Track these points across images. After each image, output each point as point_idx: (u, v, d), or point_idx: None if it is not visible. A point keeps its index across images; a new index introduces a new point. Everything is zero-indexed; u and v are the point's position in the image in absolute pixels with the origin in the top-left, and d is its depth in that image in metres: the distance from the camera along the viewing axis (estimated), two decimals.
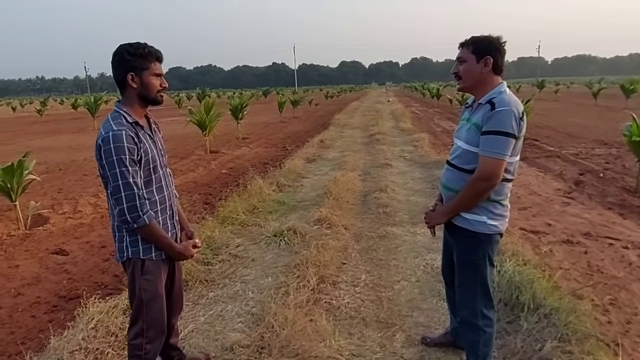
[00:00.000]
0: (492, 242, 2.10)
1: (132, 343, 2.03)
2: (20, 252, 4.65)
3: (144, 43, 1.93)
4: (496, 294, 3.09)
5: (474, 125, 2.02)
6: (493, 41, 2.03)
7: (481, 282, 2.12)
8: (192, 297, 3.29)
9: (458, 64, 2.10)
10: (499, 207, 2.07)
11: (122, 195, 1.84)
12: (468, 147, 2.04)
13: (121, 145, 1.81)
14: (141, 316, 2.01)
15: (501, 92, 1.99)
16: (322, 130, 14.73)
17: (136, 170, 1.87)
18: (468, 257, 2.14)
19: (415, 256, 4.02)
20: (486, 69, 2.02)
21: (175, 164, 9.66)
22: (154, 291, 2.01)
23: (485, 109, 1.97)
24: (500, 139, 1.91)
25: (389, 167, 7.93)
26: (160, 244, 1.99)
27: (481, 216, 2.05)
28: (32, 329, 3.10)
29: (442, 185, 2.25)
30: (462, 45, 2.09)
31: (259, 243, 4.37)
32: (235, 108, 14.18)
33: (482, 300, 2.13)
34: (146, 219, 1.89)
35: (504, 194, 2.07)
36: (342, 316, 3.01)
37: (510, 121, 1.90)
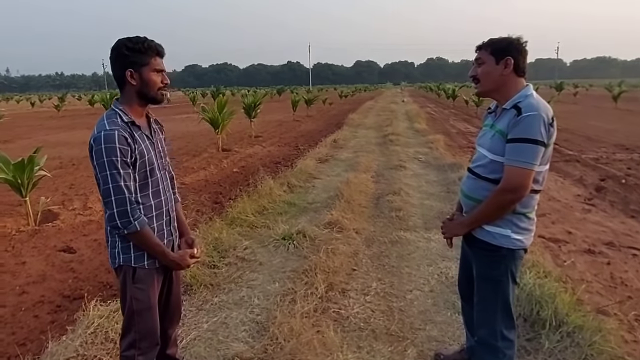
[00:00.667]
0: (516, 258, 1.94)
1: (124, 354, 1.92)
2: (28, 249, 4.61)
3: (143, 37, 1.80)
4: (515, 308, 2.92)
5: (499, 133, 1.86)
6: (513, 41, 1.89)
7: (502, 300, 1.96)
8: (196, 302, 3.18)
9: (476, 67, 1.96)
10: (525, 221, 1.91)
11: (112, 199, 1.72)
12: (493, 156, 1.88)
13: (113, 146, 1.69)
14: (133, 327, 1.90)
15: (527, 96, 1.84)
16: (335, 129, 14.58)
17: (128, 173, 1.75)
18: (489, 273, 1.98)
19: (429, 264, 3.86)
20: (507, 70, 1.88)
21: (187, 161, 9.63)
22: (146, 301, 1.89)
23: (510, 114, 1.82)
24: (527, 147, 1.75)
25: (403, 169, 7.76)
26: (153, 252, 1.86)
27: (505, 229, 1.89)
28: (34, 330, 3.03)
29: (462, 194, 2.09)
30: (480, 47, 1.96)
31: (268, 246, 4.25)
32: (248, 106, 14.12)
33: (502, 320, 1.97)
34: (137, 225, 1.76)
35: (530, 206, 1.91)
36: (350, 327, 2.87)
37: (538, 127, 1.74)
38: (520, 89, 1.88)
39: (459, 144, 11.24)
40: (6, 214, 5.79)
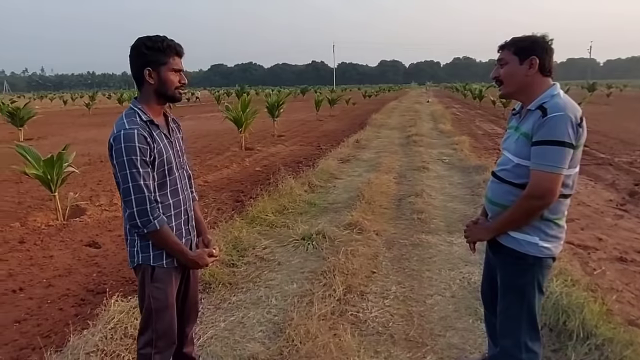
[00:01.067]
0: (544, 267, 1.84)
1: (141, 352, 1.93)
2: (56, 243, 4.74)
3: (163, 36, 1.80)
4: (541, 317, 2.81)
5: (523, 135, 1.77)
6: (537, 40, 1.80)
7: (527, 310, 1.86)
8: (214, 301, 3.20)
9: (498, 67, 1.88)
10: (554, 228, 1.81)
11: (132, 198, 1.72)
12: (519, 160, 1.79)
13: (132, 145, 1.69)
14: (150, 325, 1.90)
15: (553, 96, 1.75)
16: (358, 129, 14.50)
17: (148, 172, 1.75)
18: (514, 282, 1.88)
19: (450, 268, 3.77)
20: (531, 70, 1.79)
21: (211, 159, 9.74)
22: (163, 300, 1.89)
23: (535, 115, 1.73)
24: (554, 149, 1.66)
25: (426, 171, 7.64)
26: (172, 251, 1.86)
27: (532, 236, 1.80)
28: (59, 322, 3.10)
29: (486, 200, 2.00)
30: (503, 47, 1.87)
31: (287, 246, 4.24)
32: (271, 106, 14.19)
33: (527, 331, 1.86)
34: (157, 223, 1.76)
35: (560, 212, 1.81)
36: (368, 331, 2.82)
37: (565, 128, 1.65)
38: (546, 89, 1.79)
39: (485, 146, 11.00)
40: (37, 209, 5.97)
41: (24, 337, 2.92)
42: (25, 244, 4.66)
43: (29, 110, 15.09)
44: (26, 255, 4.37)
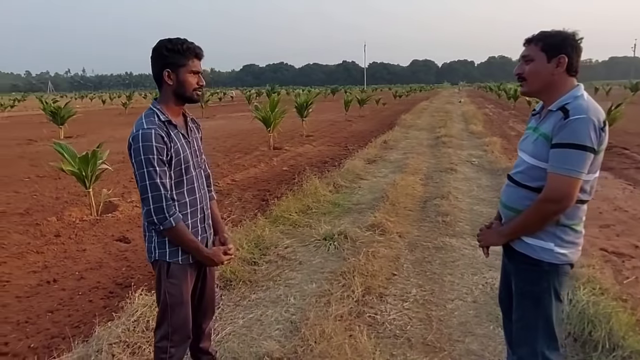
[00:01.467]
0: (560, 274, 1.76)
1: (158, 345, 1.99)
2: (89, 237, 4.94)
3: (183, 39, 1.85)
4: (565, 326, 2.75)
5: (542, 137, 1.71)
6: (568, 37, 1.70)
7: (544, 318, 1.78)
8: (234, 298, 3.26)
9: (523, 64, 1.78)
10: (571, 233, 1.74)
11: (149, 196, 1.78)
12: (534, 161, 1.73)
13: (149, 144, 1.75)
14: (166, 319, 1.96)
15: (577, 97, 1.67)
16: (387, 130, 14.39)
17: (164, 170, 1.80)
18: (529, 289, 1.82)
19: (473, 273, 3.70)
20: (559, 69, 1.70)
21: (239, 158, 9.90)
22: (178, 296, 1.95)
23: (556, 117, 1.67)
24: (574, 153, 1.59)
25: (454, 172, 7.50)
26: (188, 248, 1.91)
27: (547, 242, 1.73)
28: (88, 313, 3.24)
29: (501, 204, 1.95)
30: (530, 41, 1.76)
31: (309, 245, 4.27)
32: (300, 106, 14.28)
33: (544, 339, 1.80)
34: (173, 221, 1.82)
35: (577, 217, 1.74)
36: (385, 334, 2.80)
37: (587, 131, 1.58)
38: (570, 89, 1.71)
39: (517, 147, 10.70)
40: (72, 204, 6.24)
41: (55, 327, 3.07)
42: (61, 238, 4.88)
43: (69, 109, 15.74)
44: (61, 248, 4.58)
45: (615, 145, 10.64)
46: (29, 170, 9.00)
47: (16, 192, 7.05)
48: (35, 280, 3.82)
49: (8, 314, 3.25)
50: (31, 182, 7.89)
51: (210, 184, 2.19)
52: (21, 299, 3.49)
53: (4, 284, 3.76)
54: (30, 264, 4.16)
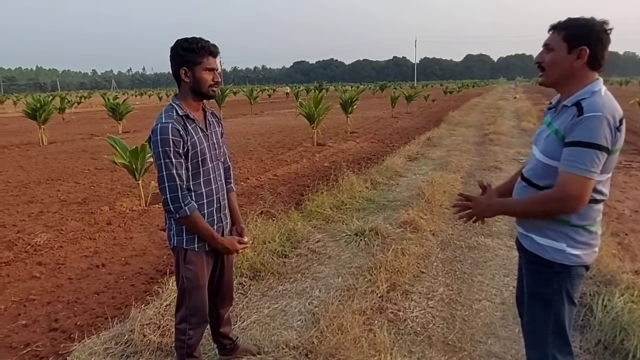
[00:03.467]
0: (572, 276, 1.70)
1: (178, 327, 2.15)
2: (137, 226, 5.28)
3: (198, 38, 1.94)
4: (596, 332, 2.65)
5: (554, 133, 1.65)
6: (594, 27, 1.60)
7: (555, 321, 1.73)
8: (262, 288, 3.38)
9: (544, 52, 1.71)
10: (584, 234, 1.67)
11: (165, 186, 1.89)
12: (544, 159, 1.68)
13: (166, 137, 1.86)
14: (184, 303, 2.10)
15: (594, 92, 1.59)
16: (432, 127, 14.13)
17: (180, 162, 1.91)
18: (539, 290, 1.78)
19: (505, 274, 3.61)
20: (579, 62, 1.62)
21: (282, 154, 10.10)
22: (195, 281, 2.07)
23: (570, 112, 1.60)
24: (587, 152, 1.52)
25: (498, 171, 7.28)
26: (203, 236, 2.02)
27: (559, 243, 1.67)
28: (129, 297, 3.49)
29: None
30: (554, 28, 1.68)
31: (339, 241, 4.33)
32: (345, 102, 14.30)
33: (555, 344, 1.75)
34: (188, 210, 1.92)
35: (590, 218, 1.67)
36: (406, 330, 2.82)
37: (601, 130, 1.52)
38: (588, 83, 1.63)
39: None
40: (124, 195, 6.66)
41: (100, 307, 3.33)
42: (111, 226, 5.25)
43: (127, 105, 16.70)
44: (111, 235, 4.93)
45: None
46: (90, 163, 9.68)
47: (77, 183, 7.62)
48: (86, 264, 4.16)
49: (61, 293, 3.57)
50: (90, 174, 8.49)
51: (229, 176, 2.29)
52: (73, 280, 3.82)
53: (59, 266, 4.12)
54: (83, 249, 4.52)
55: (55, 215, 5.70)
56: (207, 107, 2.16)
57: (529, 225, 1.80)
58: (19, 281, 3.82)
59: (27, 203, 6.35)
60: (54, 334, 2.98)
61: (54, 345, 2.84)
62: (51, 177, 8.15)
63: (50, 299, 3.48)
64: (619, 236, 4.45)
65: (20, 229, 5.12)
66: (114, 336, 2.60)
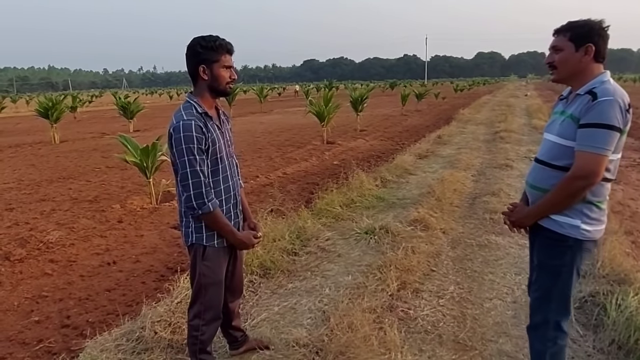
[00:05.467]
0: (583, 250, 1.86)
1: (191, 324, 2.17)
2: (147, 224, 5.32)
3: (215, 36, 1.96)
4: (609, 332, 2.61)
5: (569, 118, 1.81)
6: (594, 26, 1.80)
7: (561, 289, 1.91)
8: (272, 286, 3.39)
9: (553, 53, 1.89)
10: (596, 211, 1.84)
11: (189, 183, 1.90)
12: (561, 140, 1.82)
13: (190, 134, 1.87)
14: (199, 299, 2.13)
15: (604, 82, 1.78)
16: (443, 125, 14.04)
17: (203, 159, 1.93)
18: (551, 262, 1.92)
19: (517, 272, 3.57)
20: (587, 57, 1.81)
21: (291, 152, 10.10)
22: (212, 277, 2.10)
23: (584, 99, 1.77)
24: (602, 132, 1.69)
25: (508, 169, 7.20)
26: (223, 232, 2.05)
27: (574, 219, 1.83)
28: (140, 294, 3.51)
29: (528, 185, 2.02)
30: (558, 32, 1.87)
31: (349, 239, 4.32)
32: (355, 100, 14.26)
33: (558, 309, 1.93)
34: (211, 206, 1.94)
35: (602, 195, 1.84)
36: (416, 329, 2.80)
37: (614, 112, 1.69)
38: (597, 75, 1.81)
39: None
40: (135, 193, 6.72)
41: (111, 304, 3.36)
42: (122, 224, 5.29)
43: (137, 104, 16.83)
44: (122, 233, 4.97)
45: None
46: (101, 161, 9.78)
47: (88, 181, 7.70)
48: (97, 261, 4.20)
49: (72, 290, 3.61)
50: (101, 172, 8.58)
51: (239, 173, 2.31)
52: (84, 277, 3.86)
53: (71, 263, 4.16)
54: (95, 247, 4.56)
55: (67, 213, 5.76)
56: (220, 106, 2.18)
57: None
58: (32, 278, 3.87)
59: (39, 201, 6.43)
60: (66, 331, 3.02)
61: (65, 341, 2.87)
62: (63, 176, 8.24)
63: (62, 296, 3.52)
64: (633, 234, 4.38)
65: (32, 227, 5.19)
66: (125, 333, 2.61)
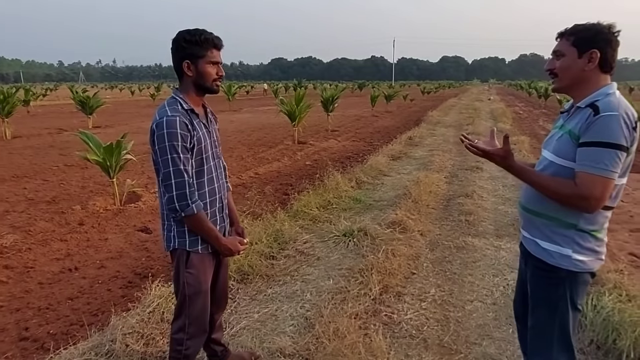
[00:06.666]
0: (578, 282, 1.67)
1: (174, 337, 2.01)
2: (111, 227, 5.03)
3: (202, 29, 1.84)
4: (588, 332, 2.64)
5: (567, 134, 1.62)
6: (602, 30, 1.59)
7: (560, 326, 1.70)
8: (250, 292, 3.25)
9: (554, 59, 1.70)
10: (590, 240, 1.64)
11: (172, 183, 1.78)
12: (556, 159, 1.64)
13: (174, 131, 1.75)
14: (184, 311, 1.97)
15: (608, 94, 1.58)
16: (413, 126, 14.20)
17: (187, 158, 1.81)
18: (544, 296, 1.73)
19: (495, 274, 3.59)
20: (590, 65, 1.61)
21: (263, 152, 9.92)
22: (197, 286, 1.95)
23: (584, 113, 1.57)
24: (607, 152, 1.48)
25: (480, 171, 7.32)
26: (207, 236, 1.91)
27: (565, 248, 1.64)
28: (106, 302, 3.29)
29: (519, 205, 1.87)
30: (562, 35, 1.67)
31: (327, 241, 4.22)
32: (326, 100, 14.20)
33: (559, 349, 1.72)
34: (195, 208, 1.82)
35: (597, 223, 1.63)
36: (401, 334, 2.74)
37: (619, 129, 1.48)
38: (602, 86, 1.62)
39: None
40: (97, 193, 6.38)
41: (74, 314, 3.13)
42: (84, 226, 4.99)
43: (97, 99, 16.12)
44: (84, 236, 4.68)
45: None
46: (58, 159, 9.26)
47: (45, 181, 7.26)
48: (57, 267, 3.92)
49: (31, 299, 3.34)
50: (59, 170, 8.11)
51: (226, 176, 2.19)
52: (44, 285, 3.58)
53: (28, 270, 3.86)
54: (54, 251, 4.26)
55: (22, 215, 5.39)
56: (207, 104, 2.05)
57: (535, 230, 1.76)
58: None
59: None
60: (25, 344, 2.77)
61: (25, 355, 2.64)
62: (17, 174, 7.74)
63: (19, 306, 3.25)
64: None
65: None
66: (93, 346, 2.41)
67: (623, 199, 5.75)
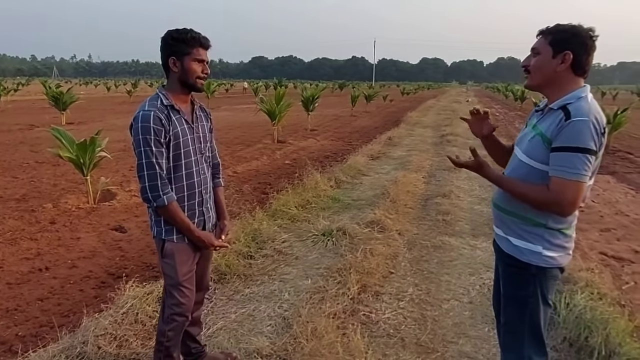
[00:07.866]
0: (548, 278, 1.71)
1: (159, 328, 2.07)
2: (84, 225, 4.90)
3: (189, 29, 1.91)
4: (561, 330, 2.70)
5: (539, 135, 1.65)
6: (579, 33, 1.61)
7: (531, 323, 1.74)
8: (228, 292, 3.21)
9: (531, 56, 1.72)
10: (560, 237, 1.69)
11: (144, 174, 1.85)
12: (527, 159, 1.68)
13: (147, 125, 1.82)
14: (166, 302, 2.03)
15: (580, 98, 1.60)
16: (392, 127, 14.31)
17: (161, 151, 1.86)
18: (515, 293, 1.77)
19: (471, 273, 3.64)
20: (563, 66, 1.63)
21: (241, 150, 9.83)
22: (174, 277, 1.99)
23: (556, 116, 1.61)
24: (578, 157, 1.53)
25: (457, 171, 7.40)
26: (180, 227, 1.96)
27: (535, 245, 1.68)
28: (78, 303, 3.20)
29: (492, 204, 1.89)
30: (541, 33, 1.69)
31: (306, 241, 4.21)
32: (306, 99, 14.19)
33: (531, 345, 1.76)
34: (166, 199, 1.87)
35: (567, 222, 1.68)
36: (379, 333, 2.75)
37: (589, 134, 1.53)
38: (575, 89, 1.64)
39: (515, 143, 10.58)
40: (70, 191, 6.20)
41: (44, 315, 3.03)
42: (55, 225, 4.84)
43: (71, 95, 15.70)
44: (55, 235, 4.53)
45: (620, 149, 10.53)
46: (29, 156, 8.97)
47: (14, 178, 7.02)
48: (27, 267, 3.79)
49: None
50: (30, 167, 7.86)
51: (218, 172, 2.25)
52: (12, 285, 3.46)
53: None
54: (24, 251, 4.12)
55: None
56: (196, 101, 2.08)
57: (507, 228, 1.80)
58: None
59: None
60: None
61: None
62: None
63: None
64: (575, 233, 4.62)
65: None
66: (64, 349, 2.33)
67: (594, 200, 5.92)
